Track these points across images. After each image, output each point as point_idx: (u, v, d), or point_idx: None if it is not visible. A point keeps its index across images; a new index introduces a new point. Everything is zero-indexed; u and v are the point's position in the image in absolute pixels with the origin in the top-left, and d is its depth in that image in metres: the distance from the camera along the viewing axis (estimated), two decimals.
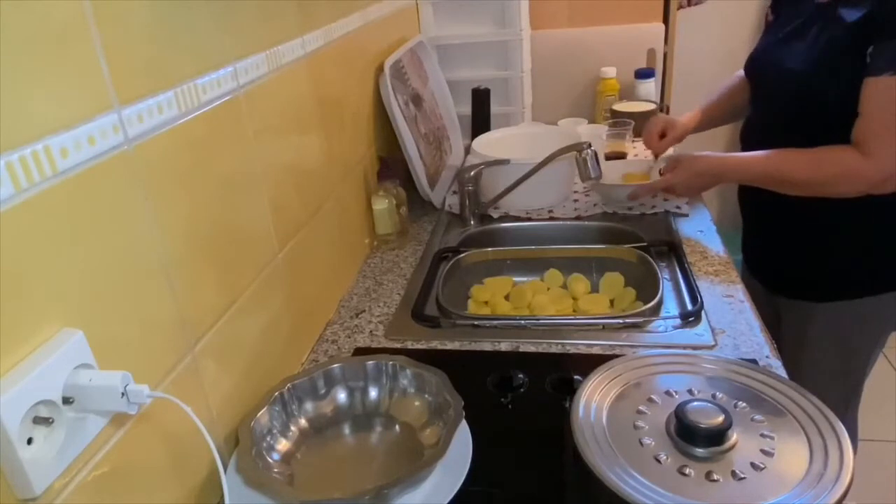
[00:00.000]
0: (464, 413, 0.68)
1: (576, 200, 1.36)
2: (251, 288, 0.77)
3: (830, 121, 1.00)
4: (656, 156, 1.40)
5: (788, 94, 1.09)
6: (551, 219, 1.29)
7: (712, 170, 1.14)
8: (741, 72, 1.28)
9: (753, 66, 1.20)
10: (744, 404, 0.67)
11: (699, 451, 0.62)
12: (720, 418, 0.62)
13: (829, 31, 1.01)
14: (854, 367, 1.21)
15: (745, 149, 1.15)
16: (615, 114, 1.66)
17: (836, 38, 0.99)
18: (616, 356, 0.77)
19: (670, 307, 0.98)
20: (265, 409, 0.72)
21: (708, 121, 1.38)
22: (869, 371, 1.22)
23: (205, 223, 0.67)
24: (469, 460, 0.67)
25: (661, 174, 1.22)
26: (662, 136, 1.38)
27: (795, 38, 1.08)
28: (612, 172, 1.37)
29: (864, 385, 1.24)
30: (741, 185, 1.25)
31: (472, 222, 1.30)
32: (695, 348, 0.86)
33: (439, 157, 1.48)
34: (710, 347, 0.87)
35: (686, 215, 1.26)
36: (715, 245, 1.14)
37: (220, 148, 0.70)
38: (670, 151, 1.56)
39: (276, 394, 0.74)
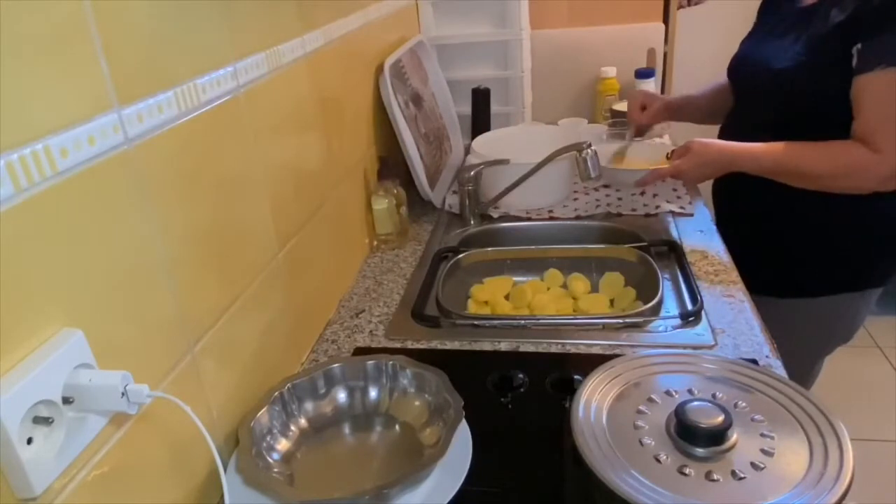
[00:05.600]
0: (464, 413, 0.68)
1: (576, 200, 1.36)
2: (251, 288, 0.77)
3: (817, 121, 1.00)
4: (637, 129, 1.43)
5: (776, 94, 1.09)
6: (551, 219, 1.29)
7: (723, 158, 1.12)
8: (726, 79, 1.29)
9: (737, 68, 1.20)
10: (744, 404, 0.67)
11: (699, 450, 0.61)
12: (720, 418, 0.62)
13: (817, 31, 1.01)
14: (805, 365, 1.22)
15: None
16: (615, 114, 1.66)
17: (823, 39, 0.99)
18: (616, 356, 0.77)
19: (670, 307, 0.98)
20: (265, 408, 0.72)
21: (689, 110, 1.40)
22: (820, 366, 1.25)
23: (205, 223, 0.67)
24: (469, 460, 0.67)
25: (668, 158, 1.23)
26: (643, 109, 1.40)
27: (781, 39, 1.08)
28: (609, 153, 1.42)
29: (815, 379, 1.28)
30: (715, 183, 1.28)
31: (472, 222, 1.30)
32: (695, 348, 0.86)
33: (439, 157, 1.48)
34: (710, 347, 0.87)
35: (691, 215, 1.26)
36: (715, 245, 1.14)
37: (220, 148, 0.70)
38: (665, 136, 1.58)
39: (276, 393, 0.74)
